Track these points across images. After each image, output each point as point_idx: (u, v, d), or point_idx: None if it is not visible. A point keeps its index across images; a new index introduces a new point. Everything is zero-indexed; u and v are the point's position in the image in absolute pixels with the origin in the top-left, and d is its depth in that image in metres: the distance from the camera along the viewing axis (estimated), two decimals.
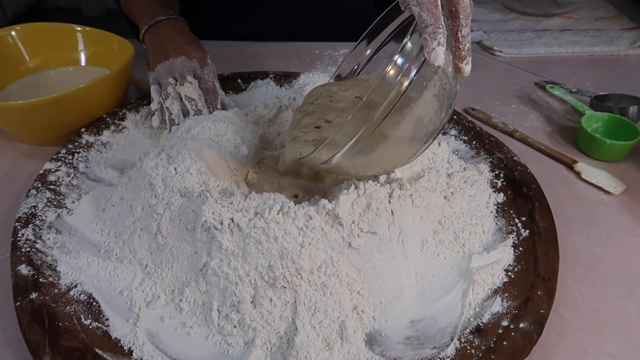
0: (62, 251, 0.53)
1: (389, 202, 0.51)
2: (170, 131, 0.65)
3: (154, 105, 0.69)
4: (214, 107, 0.69)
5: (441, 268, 0.53)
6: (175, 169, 0.54)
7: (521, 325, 0.46)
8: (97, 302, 0.48)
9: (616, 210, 0.63)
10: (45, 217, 0.56)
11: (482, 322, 0.47)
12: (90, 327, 0.46)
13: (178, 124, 0.65)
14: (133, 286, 0.50)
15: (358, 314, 0.47)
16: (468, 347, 0.45)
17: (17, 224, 0.54)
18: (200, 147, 0.56)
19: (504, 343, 0.44)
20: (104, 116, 0.71)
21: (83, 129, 0.68)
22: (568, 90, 0.85)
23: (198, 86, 0.68)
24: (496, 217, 0.58)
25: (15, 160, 0.68)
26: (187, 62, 0.69)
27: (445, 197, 0.57)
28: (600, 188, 0.66)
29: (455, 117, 0.75)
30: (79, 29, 0.79)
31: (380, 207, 0.50)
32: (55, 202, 0.58)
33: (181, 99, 0.67)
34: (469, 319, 0.47)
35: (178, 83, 0.68)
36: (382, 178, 0.53)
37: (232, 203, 0.49)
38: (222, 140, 0.58)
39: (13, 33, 0.77)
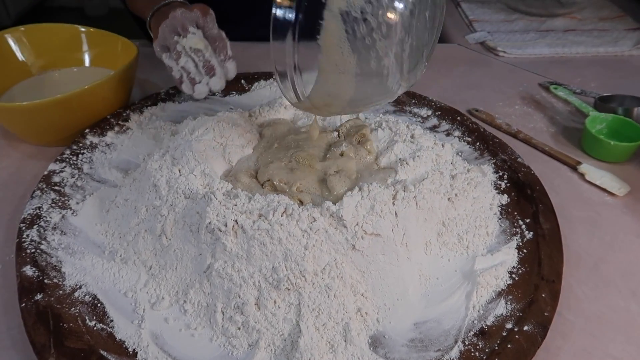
0: (67, 252, 0.53)
1: (393, 203, 0.51)
2: (194, 92, 0.62)
3: (176, 74, 0.64)
4: (225, 56, 0.64)
5: (445, 270, 0.53)
6: (179, 170, 0.54)
7: (525, 327, 0.46)
8: (101, 304, 0.48)
9: (620, 212, 0.63)
10: (50, 218, 0.56)
11: (486, 325, 0.47)
12: (95, 328, 0.46)
13: (200, 82, 0.62)
14: (137, 287, 0.50)
15: (362, 316, 0.47)
16: (472, 350, 0.45)
17: (22, 225, 0.54)
18: (204, 149, 0.56)
19: (508, 346, 0.44)
20: (108, 117, 0.71)
21: (87, 130, 0.68)
22: (572, 91, 0.85)
23: (202, 36, 0.64)
24: (500, 218, 0.58)
25: (19, 161, 0.68)
26: (187, 12, 0.64)
27: (449, 198, 0.56)
28: (604, 189, 0.66)
29: (459, 118, 0.74)
30: (83, 29, 0.79)
31: (384, 208, 0.50)
32: (59, 203, 0.58)
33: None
34: (473, 321, 0.47)
35: (182, 37, 0.64)
36: (388, 180, 0.53)
37: (236, 205, 0.49)
38: (226, 142, 0.58)
39: (17, 34, 0.77)
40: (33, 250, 0.52)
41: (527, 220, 0.57)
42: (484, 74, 0.93)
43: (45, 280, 0.49)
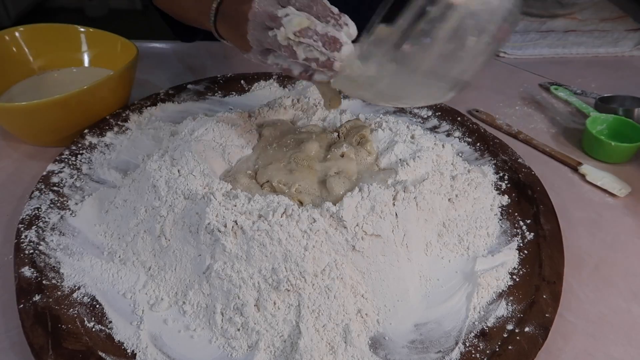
0: (66, 253, 0.52)
1: (393, 204, 0.50)
2: (335, 70, 0.48)
3: (296, 70, 0.51)
4: (333, 16, 0.49)
5: (445, 271, 0.52)
6: (178, 171, 0.53)
7: (526, 329, 0.45)
8: (100, 305, 0.48)
9: (621, 213, 0.62)
10: (49, 218, 0.56)
11: (487, 326, 0.46)
12: (94, 329, 0.45)
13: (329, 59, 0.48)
14: (136, 288, 0.50)
15: (362, 317, 0.47)
16: (473, 351, 0.44)
17: (20, 225, 0.54)
18: (204, 149, 0.56)
19: (509, 347, 0.44)
20: (107, 117, 0.71)
21: (86, 131, 0.68)
22: (572, 92, 0.85)
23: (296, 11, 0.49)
24: (501, 219, 0.58)
25: (18, 162, 0.68)
26: None
27: (449, 199, 0.56)
28: (605, 190, 0.66)
29: (459, 118, 0.74)
30: (82, 30, 0.79)
31: (385, 209, 0.49)
32: (58, 204, 0.58)
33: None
34: (474, 322, 0.47)
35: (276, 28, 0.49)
36: (388, 181, 0.53)
37: (235, 205, 0.48)
38: (225, 142, 0.58)
39: (17, 34, 0.76)
40: (31, 251, 0.51)
41: (528, 221, 0.57)
42: (484, 74, 0.93)
43: (44, 281, 0.49)
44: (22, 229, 0.54)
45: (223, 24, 0.57)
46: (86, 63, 0.80)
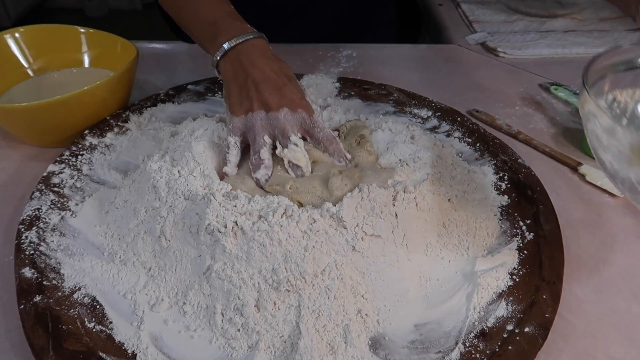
0: (66, 254, 0.53)
1: (393, 205, 0.50)
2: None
3: (232, 158, 0.56)
4: (344, 159, 0.57)
5: (445, 271, 0.52)
6: (178, 171, 0.53)
7: (526, 329, 0.46)
8: (100, 305, 0.48)
9: (621, 213, 0.62)
10: (49, 219, 0.56)
11: (487, 326, 0.46)
12: (94, 330, 0.46)
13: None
14: (137, 289, 0.50)
15: (362, 317, 0.47)
16: (473, 352, 0.44)
17: (21, 226, 0.54)
18: (204, 150, 0.56)
19: (509, 347, 0.44)
20: (108, 118, 0.71)
21: (86, 131, 0.68)
22: (572, 92, 0.85)
23: (303, 146, 0.55)
24: (500, 220, 0.58)
25: (18, 162, 0.68)
26: (291, 114, 0.54)
27: (449, 200, 0.56)
28: (605, 190, 0.66)
29: (459, 118, 0.74)
30: (82, 30, 0.79)
31: (384, 210, 0.49)
32: (59, 205, 0.58)
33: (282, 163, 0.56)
34: (474, 322, 0.47)
35: (279, 144, 0.55)
36: (388, 181, 0.53)
37: (235, 206, 0.49)
38: (226, 143, 0.58)
39: (16, 35, 0.77)
40: (32, 252, 0.51)
41: (528, 222, 0.57)
42: (484, 74, 0.93)
43: (44, 282, 0.49)
44: (22, 229, 0.54)
45: (235, 67, 0.58)
46: (86, 64, 0.80)
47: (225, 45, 0.58)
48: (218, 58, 0.59)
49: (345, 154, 0.57)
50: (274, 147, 0.56)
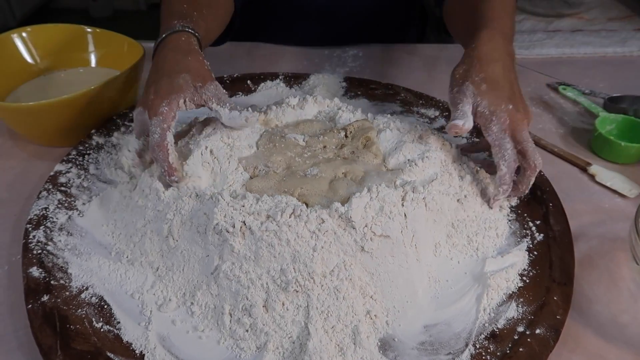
0: (73, 253, 0.52)
1: (402, 205, 0.50)
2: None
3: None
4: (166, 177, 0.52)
5: (455, 272, 0.52)
6: (186, 172, 0.53)
7: (537, 331, 0.45)
8: (108, 305, 0.48)
9: (632, 214, 0.62)
10: (57, 219, 0.56)
11: (497, 328, 0.46)
12: (102, 330, 0.45)
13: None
14: (144, 289, 0.50)
15: (371, 318, 0.47)
16: (483, 353, 0.44)
17: (28, 225, 0.54)
18: (212, 148, 0.56)
19: (520, 349, 0.44)
20: (114, 117, 0.71)
21: (93, 131, 0.68)
22: (581, 92, 0.84)
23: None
24: (510, 220, 0.58)
25: (25, 162, 0.68)
26: (142, 114, 0.55)
27: (458, 200, 0.56)
28: (615, 191, 0.65)
29: None
30: (89, 30, 0.79)
31: (394, 210, 0.49)
32: (66, 204, 0.58)
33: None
34: (484, 324, 0.47)
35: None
36: (397, 181, 0.53)
37: (244, 206, 0.48)
38: (233, 142, 0.58)
39: (24, 34, 0.77)
40: (39, 251, 0.51)
41: (538, 222, 0.57)
42: None
43: (52, 282, 0.49)
44: (30, 229, 0.54)
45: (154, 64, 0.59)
46: (93, 63, 0.80)
47: (158, 39, 0.61)
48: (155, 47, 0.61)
49: (165, 166, 0.52)
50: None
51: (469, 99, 0.54)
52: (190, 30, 0.60)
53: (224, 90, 0.56)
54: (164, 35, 0.59)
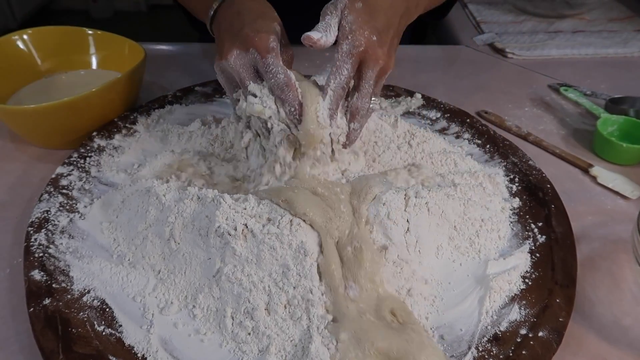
0: (75, 256, 0.52)
1: (405, 210, 0.50)
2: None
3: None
4: (296, 113, 0.47)
5: (457, 274, 0.52)
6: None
7: (540, 333, 0.45)
8: (110, 308, 0.48)
9: (634, 216, 0.62)
10: (58, 221, 0.55)
11: (500, 331, 0.46)
12: (104, 333, 0.45)
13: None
14: (146, 292, 0.50)
15: None
16: (486, 356, 0.44)
17: (30, 228, 0.54)
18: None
19: (523, 352, 0.44)
20: (116, 120, 0.71)
21: (95, 133, 0.68)
22: (582, 93, 0.84)
23: (267, 93, 0.48)
24: (512, 222, 0.58)
25: (27, 164, 0.68)
26: (240, 57, 0.48)
27: (460, 203, 0.56)
28: (617, 192, 0.65)
29: (468, 120, 0.74)
30: (90, 32, 0.79)
31: (397, 214, 0.49)
32: (67, 207, 0.58)
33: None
34: (487, 327, 0.47)
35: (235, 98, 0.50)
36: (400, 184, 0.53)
37: (245, 208, 0.48)
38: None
39: (25, 37, 0.77)
40: (41, 254, 0.51)
41: (540, 224, 0.57)
42: (492, 75, 0.92)
43: (54, 285, 0.48)
44: (31, 232, 0.54)
45: (215, 25, 0.55)
46: (94, 65, 0.80)
47: (214, 4, 0.56)
48: (210, 23, 0.57)
49: (298, 100, 0.47)
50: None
51: (338, 12, 0.48)
52: None
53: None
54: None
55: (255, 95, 0.46)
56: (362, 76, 0.47)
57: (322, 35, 0.46)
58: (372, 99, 0.50)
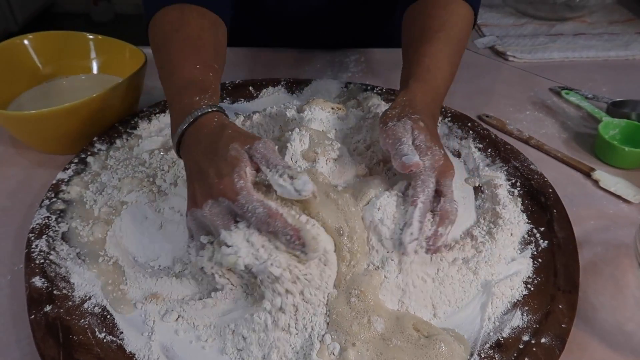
0: (76, 263, 0.52)
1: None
2: None
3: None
4: (297, 245, 0.44)
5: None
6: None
7: (542, 340, 0.45)
8: (111, 315, 0.48)
9: (636, 220, 0.61)
10: (59, 227, 0.55)
11: (502, 337, 0.46)
12: (105, 340, 0.45)
13: None
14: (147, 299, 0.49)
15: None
16: None
17: (30, 234, 0.54)
18: None
19: (526, 359, 0.43)
20: (116, 125, 0.71)
21: (95, 138, 0.68)
22: (584, 96, 0.84)
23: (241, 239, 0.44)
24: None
25: (27, 169, 0.68)
26: (213, 207, 0.45)
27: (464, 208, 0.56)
28: (619, 196, 0.65)
29: (469, 124, 0.74)
30: (91, 37, 0.79)
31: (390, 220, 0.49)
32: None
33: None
34: (489, 333, 0.46)
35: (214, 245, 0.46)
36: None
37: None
38: None
39: (26, 42, 0.77)
40: (42, 261, 0.51)
41: (542, 229, 0.56)
42: (493, 79, 0.92)
43: (55, 292, 0.48)
44: (32, 238, 0.53)
45: (184, 153, 0.51)
46: (95, 70, 0.80)
47: (175, 137, 0.53)
48: (177, 140, 0.53)
49: (291, 226, 0.43)
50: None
51: (409, 133, 0.52)
52: (216, 109, 0.52)
53: (274, 146, 0.47)
54: (191, 120, 0.51)
55: (228, 245, 0.44)
56: (443, 184, 0.51)
57: (417, 156, 0.50)
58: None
